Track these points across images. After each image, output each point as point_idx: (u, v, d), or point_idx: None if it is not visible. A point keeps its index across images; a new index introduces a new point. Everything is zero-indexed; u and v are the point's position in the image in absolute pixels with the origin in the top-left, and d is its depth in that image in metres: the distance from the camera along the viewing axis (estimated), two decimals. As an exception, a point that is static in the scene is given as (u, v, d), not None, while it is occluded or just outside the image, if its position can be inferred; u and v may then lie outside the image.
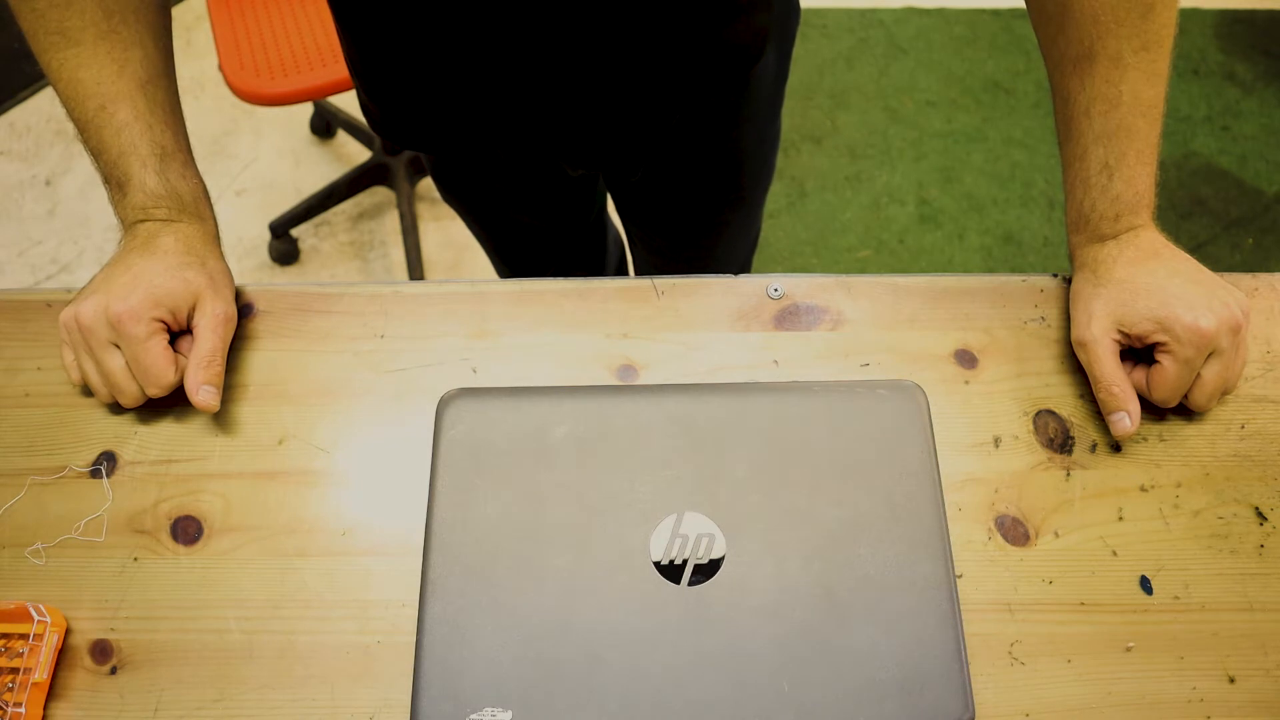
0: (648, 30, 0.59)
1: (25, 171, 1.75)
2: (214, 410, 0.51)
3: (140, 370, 0.50)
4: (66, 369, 0.53)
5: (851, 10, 2.00)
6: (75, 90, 0.52)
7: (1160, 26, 0.50)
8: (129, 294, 0.50)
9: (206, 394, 0.50)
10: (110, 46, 0.51)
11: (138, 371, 0.50)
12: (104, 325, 0.50)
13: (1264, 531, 0.50)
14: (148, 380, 0.50)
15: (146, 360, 0.50)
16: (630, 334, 0.56)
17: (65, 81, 0.52)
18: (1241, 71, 1.90)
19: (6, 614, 0.46)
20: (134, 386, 0.51)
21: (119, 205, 0.54)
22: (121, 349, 0.50)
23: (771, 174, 0.89)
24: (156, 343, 0.50)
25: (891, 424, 0.49)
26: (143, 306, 0.50)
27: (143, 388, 0.51)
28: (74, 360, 0.52)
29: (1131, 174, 0.51)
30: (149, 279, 0.51)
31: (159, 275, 0.51)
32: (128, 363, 0.50)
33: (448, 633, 0.44)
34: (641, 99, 0.65)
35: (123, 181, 0.53)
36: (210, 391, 0.50)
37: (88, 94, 0.51)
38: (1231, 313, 0.49)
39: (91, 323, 0.50)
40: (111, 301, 0.49)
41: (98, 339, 0.50)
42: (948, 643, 0.44)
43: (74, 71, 0.51)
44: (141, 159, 0.52)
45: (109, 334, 0.50)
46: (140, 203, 0.53)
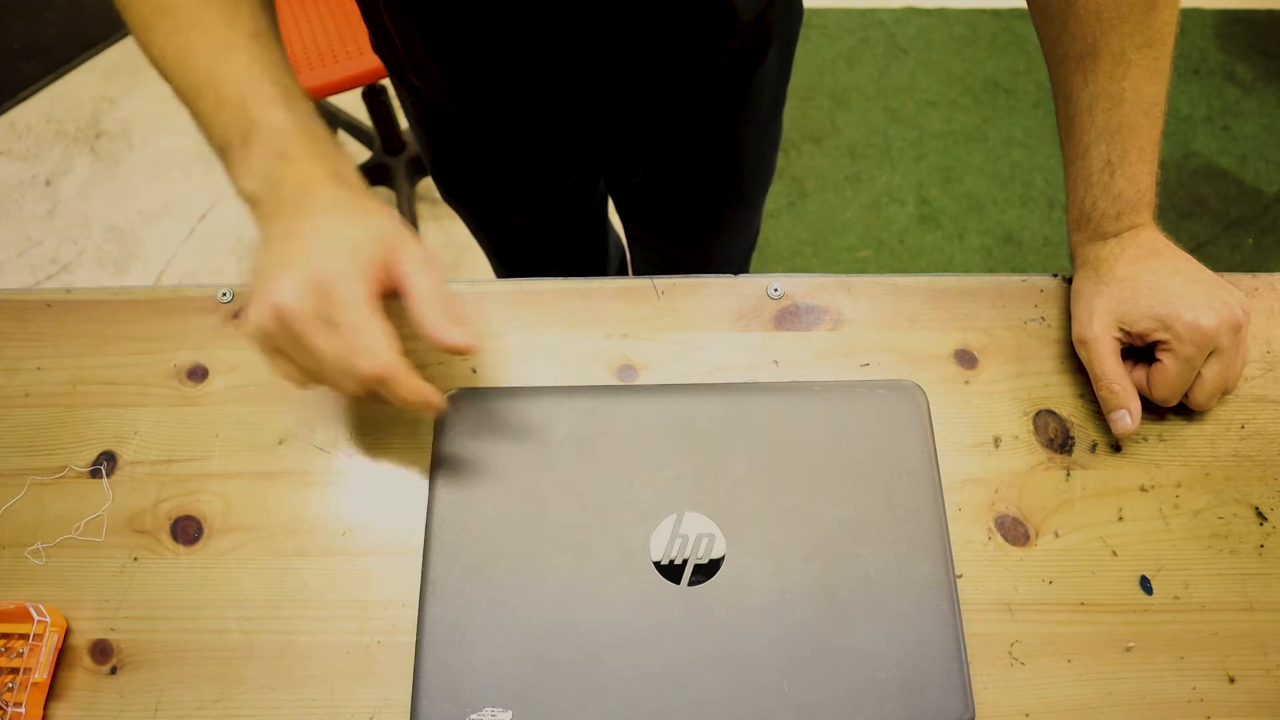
0: (651, 34, 0.59)
1: (25, 171, 1.75)
2: (477, 350, 0.45)
3: (363, 347, 0.42)
4: (280, 375, 0.45)
5: (851, 10, 2.00)
6: (184, 55, 0.46)
7: (1163, 24, 0.50)
8: (328, 257, 0.42)
9: (461, 334, 0.43)
10: (219, 5, 0.46)
11: (359, 350, 0.42)
12: (311, 301, 0.41)
13: (1264, 531, 0.50)
14: (375, 357, 0.42)
15: (370, 332, 0.42)
16: (630, 334, 0.56)
17: (173, 49, 0.46)
18: (1241, 71, 1.90)
19: (6, 614, 0.46)
20: (362, 365, 0.42)
21: (244, 161, 0.45)
22: (337, 326, 0.42)
23: (772, 174, 0.89)
24: (378, 310, 0.43)
25: (891, 424, 0.49)
26: (351, 268, 0.42)
27: (360, 370, 0.42)
28: (281, 362, 0.44)
29: (1133, 172, 0.51)
30: (339, 235, 0.43)
31: (347, 227, 0.43)
32: (342, 344, 0.42)
33: (448, 633, 0.44)
34: (644, 102, 0.65)
35: (247, 130, 0.45)
36: (463, 331, 0.43)
37: (198, 51, 0.46)
38: (1232, 311, 0.49)
39: (296, 304, 0.41)
40: (312, 272, 0.42)
41: (305, 321, 0.41)
42: (948, 643, 0.44)
43: (183, 35, 0.46)
44: (267, 97, 0.45)
45: (320, 309, 0.41)
46: (274, 144, 0.45)
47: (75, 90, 1.87)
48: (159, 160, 1.77)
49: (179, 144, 1.79)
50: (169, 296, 0.57)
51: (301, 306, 0.41)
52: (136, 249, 1.66)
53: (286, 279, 0.42)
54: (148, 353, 0.55)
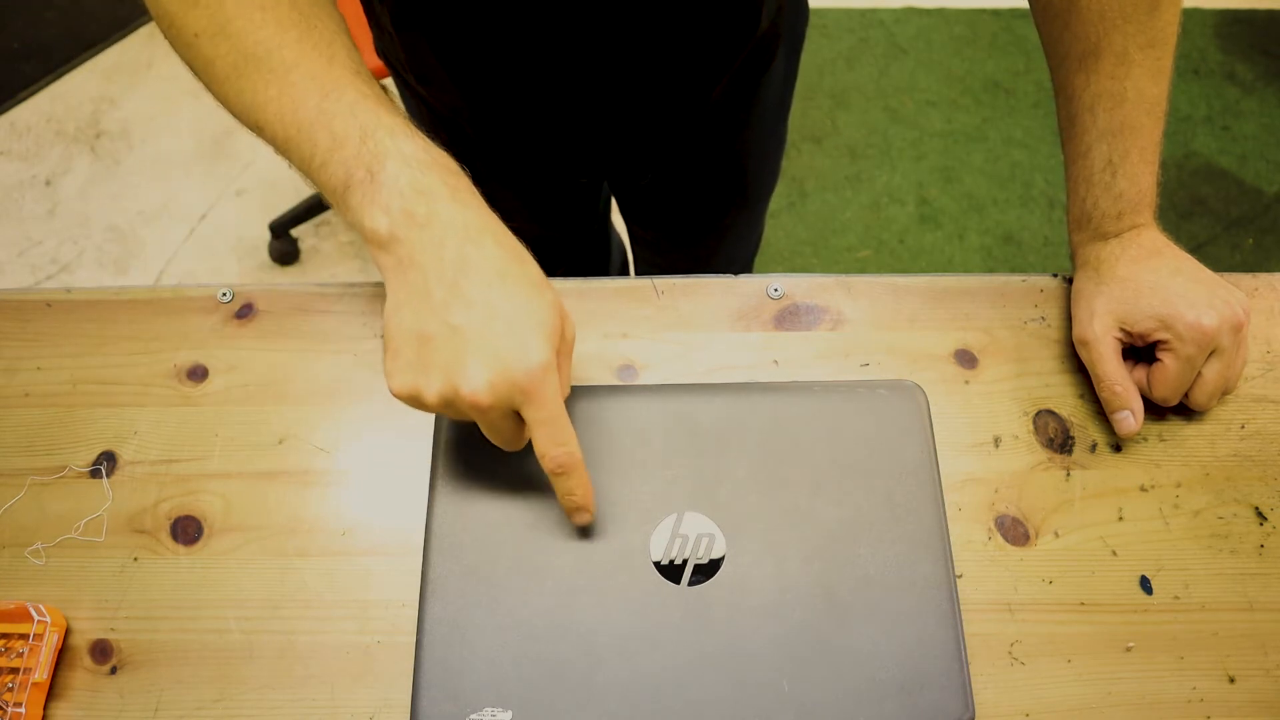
0: (668, 42, 0.59)
1: (25, 171, 1.75)
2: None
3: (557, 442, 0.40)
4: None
5: (851, 10, 2.00)
6: (287, 96, 0.42)
7: (1165, 24, 0.50)
8: (521, 349, 0.38)
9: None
10: (315, 41, 0.43)
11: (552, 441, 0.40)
12: (505, 399, 0.39)
13: (1264, 531, 0.50)
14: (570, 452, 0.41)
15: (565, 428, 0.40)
16: (630, 334, 0.56)
17: (274, 94, 0.42)
18: (1241, 71, 1.90)
19: (6, 614, 0.46)
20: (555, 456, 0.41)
21: (370, 197, 0.40)
22: (532, 421, 0.40)
23: (776, 176, 0.89)
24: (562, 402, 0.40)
25: (891, 424, 0.49)
26: (543, 360, 0.38)
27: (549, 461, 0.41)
28: None
29: (1135, 171, 0.51)
30: (524, 317, 0.39)
31: (528, 308, 0.39)
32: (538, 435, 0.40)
33: (448, 633, 0.44)
34: (656, 108, 0.65)
35: (372, 164, 0.40)
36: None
37: (304, 90, 0.42)
38: (1233, 311, 0.49)
39: (488, 400, 0.38)
40: (505, 365, 0.38)
41: (496, 414, 0.39)
42: (948, 643, 0.44)
43: (283, 77, 0.42)
44: (389, 129, 0.41)
45: (513, 405, 0.39)
46: (407, 178, 0.40)
47: (75, 90, 1.87)
48: (159, 160, 1.77)
49: (179, 144, 1.79)
50: (169, 296, 0.57)
51: (495, 402, 0.38)
52: (136, 249, 1.66)
53: (479, 370, 0.38)
54: (148, 353, 0.55)
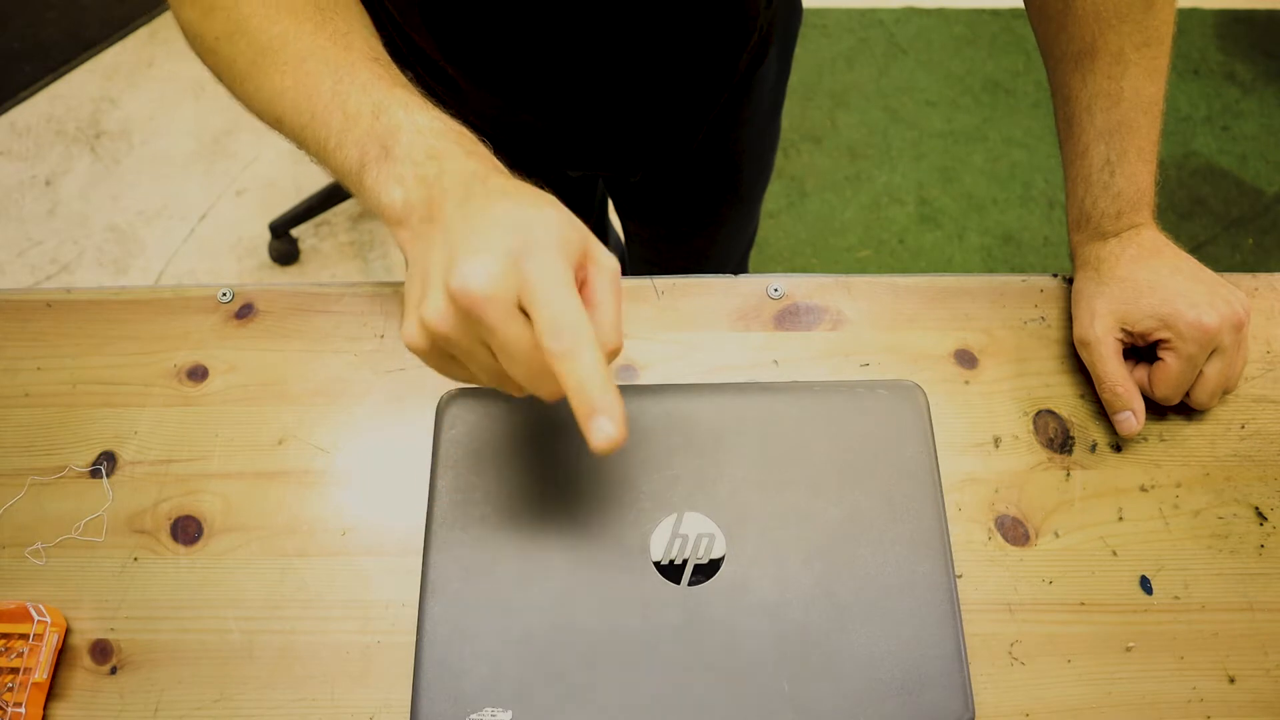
0: (653, 34, 0.59)
1: (25, 171, 1.75)
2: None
3: (574, 325, 0.33)
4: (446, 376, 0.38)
5: (851, 10, 2.00)
6: (302, 84, 0.41)
7: (1161, 23, 0.50)
8: (526, 231, 0.34)
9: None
10: (330, 32, 0.43)
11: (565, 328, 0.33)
12: (509, 281, 0.33)
13: (1264, 531, 0.50)
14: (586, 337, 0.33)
15: (579, 316, 0.33)
16: (630, 334, 0.56)
17: (290, 83, 0.42)
18: (1241, 71, 1.90)
19: (6, 614, 0.46)
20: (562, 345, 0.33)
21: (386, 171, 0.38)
22: (538, 307, 0.33)
23: (770, 172, 0.89)
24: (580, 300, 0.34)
25: (891, 424, 0.49)
26: (554, 243, 0.34)
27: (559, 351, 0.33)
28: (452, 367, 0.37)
29: (1133, 170, 0.51)
30: (531, 215, 0.35)
31: (538, 210, 0.35)
32: (543, 326, 0.33)
33: (448, 633, 0.44)
34: (646, 102, 0.65)
35: (386, 138, 0.39)
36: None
37: (318, 76, 0.41)
38: (1234, 310, 0.49)
39: (490, 288, 0.32)
40: (507, 247, 0.33)
41: (502, 309, 0.33)
42: (948, 643, 0.44)
43: (298, 66, 0.42)
44: (402, 102, 0.40)
45: (518, 292, 0.33)
46: (421, 145, 0.38)
47: (75, 90, 1.87)
48: (159, 160, 1.77)
49: (179, 144, 1.79)
50: (169, 296, 0.57)
51: (493, 289, 0.32)
52: (136, 249, 1.66)
53: (474, 257, 0.33)
54: (148, 353, 0.55)
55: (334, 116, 0.40)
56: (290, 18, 0.43)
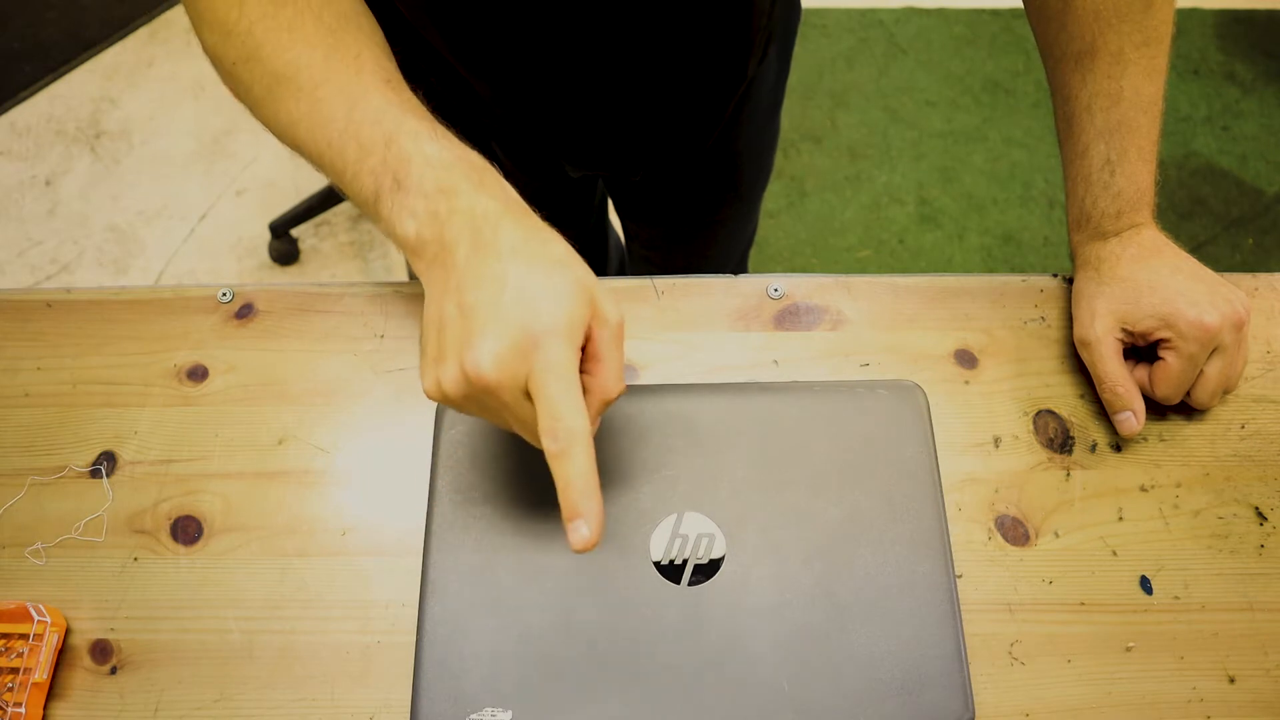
0: (661, 36, 0.59)
1: (25, 171, 1.75)
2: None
3: (562, 428, 0.35)
4: None
5: (851, 10, 2.00)
6: (316, 112, 0.42)
7: (1160, 22, 0.50)
8: (534, 315, 0.35)
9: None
10: (342, 56, 0.44)
11: (557, 429, 0.35)
12: (515, 370, 0.35)
13: (1264, 531, 0.50)
14: (574, 437, 0.35)
15: (574, 411, 0.35)
16: (630, 334, 0.56)
17: (304, 111, 0.43)
18: (1241, 71, 1.90)
19: (6, 614, 0.46)
20: (554, 442, 0.35)
21: (399, 204, 0.40)
22: (539, 396, 0.35)
23: (770, 172, 0.89)
24: (579, 382, 0.36)
25: (891, 424, 0.49)
26: (560, 329, 0.35)
27: (548, 447, 0.35)
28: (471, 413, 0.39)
29: (1133, 170, 0.51)
30: (540, 286, 0.36)
31: (547, 278, 0.36)
32: (543, 414, 0.35)
33: (448, 633, 0.44)
34: (646, 101, 0.65)
35: (399, 170, 0.40)
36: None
37: (331, 104, 0.42)
38: (1234, 309, 0.49)
39: (497, 375, 0.35)
40: (516, 333, 0.35)
41: (507, 393, 0.36)
42: (948, 643, 0.44)
43: (311, 93, 0.43)
44: (413, 133, 0.40)
45: (524, 379, 0.36)
46: (431, 179, 0.39)
47: (75, 90, 1.87)
48: (159, 160, 1.77)
49: (179, 144, 1.79)
50: (169, 296, 0.57)
51: (502, 378, 0.35)
52: (136, 249, 1.66)
53: (485, 342, 0.35)
54: (148, 353, 0.55)
55: (349, 147, 0.41)
56: (303, 44, 0.43)
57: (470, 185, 0.39)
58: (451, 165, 0.40)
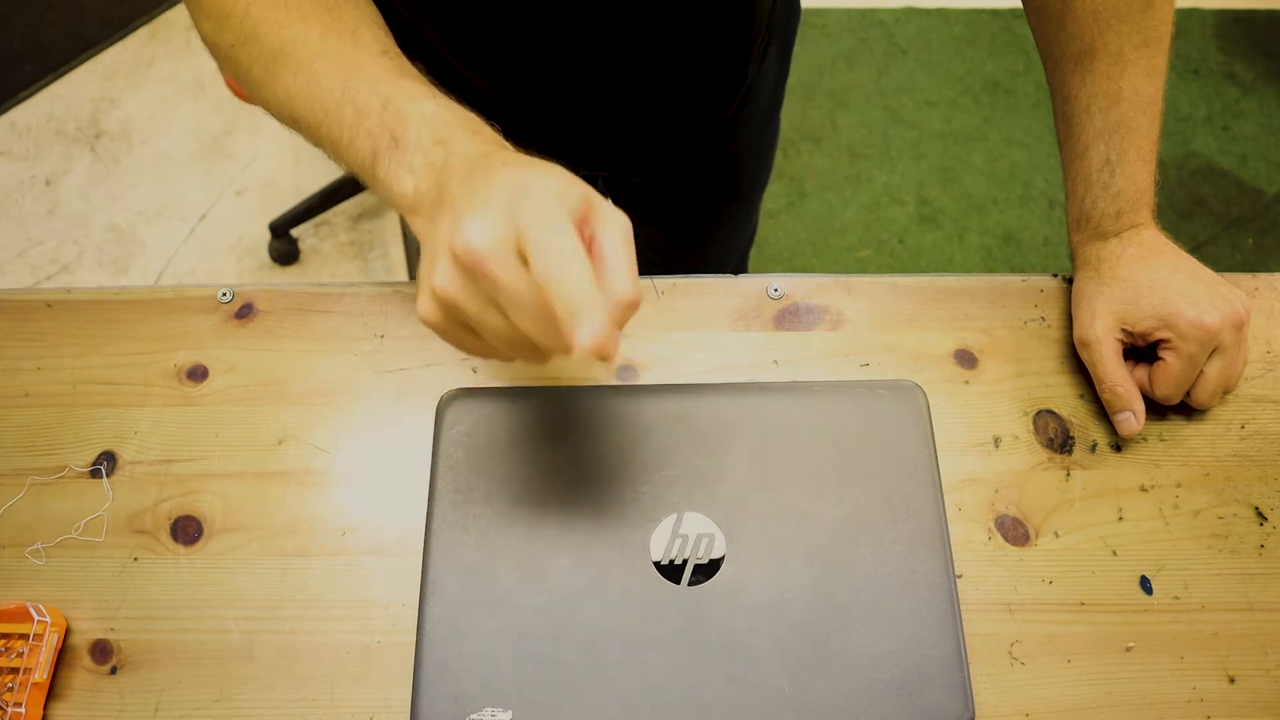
0: (654, 34, 0.59)
1: (25, 171, 1.75)
2: (611, 358, 0.33)
3: (572, 277, 0.32)
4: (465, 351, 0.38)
5: (851, 10, 2.00)
6: (314, 84, 0.42)
7: (1160, 23, 0.50)
8: (524, 194, 0.34)
9: (614, 339, 0.33)
10: (338, 31, 0.44)
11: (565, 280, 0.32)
12: (508, 234, 0.33)
13: (1264, 531, 0.50)
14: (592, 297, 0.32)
15: (579, 262, 0.33)
16: (630, 334, 0.56)
17: (302, 84, 0.43)
18: (1241, 71, 1.90)
19: (6, 614, 0.46)
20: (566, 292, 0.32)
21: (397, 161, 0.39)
22: (538, 256, 0.33)
23: (769, 172, 0.89)
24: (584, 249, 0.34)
25: (891, 424, 0.49)
26: (553, 203, 0.34)
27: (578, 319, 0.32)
28: (463, 336, 0.37)
29: (1133, 170, 0.51)
30: (532, 180, 0.35)
31: (540, 175, 0.35)
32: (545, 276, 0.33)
33: (448, 633, 0.44)
34: (647, 103, 0.65)
35: (396, 128, 0.39)
36: (615, 337, 0.34)
37: (328, 75, 0.42)
38: (1234, 309, 0.49)
39: (489, 243, 0.33)
40: (506, 207, 0.33)
41: (503, 262, 0.33)
42: (948, 643, 0.44)
43: (309, 67, 0.43)
44: (409, 93, 0.40)
45: (512, 242, 0.33)
46: (429, 133, 0.39)
47: (75, 90, 1.87)
48: (159, 160, 1.77)
49: (179, 144, 1.79)
50: (169, 296, 0.57)
51: (494, 243, 0.33)
52: (136, 249, 1.66)
53: (473, 219, 0.33)
54: (148, 353, 0.55)
55: (346, 112, 0.41)
56: (300, 21, 0.44)
57: (466, 134, 0.39)
58: (449, 121, 0.40)
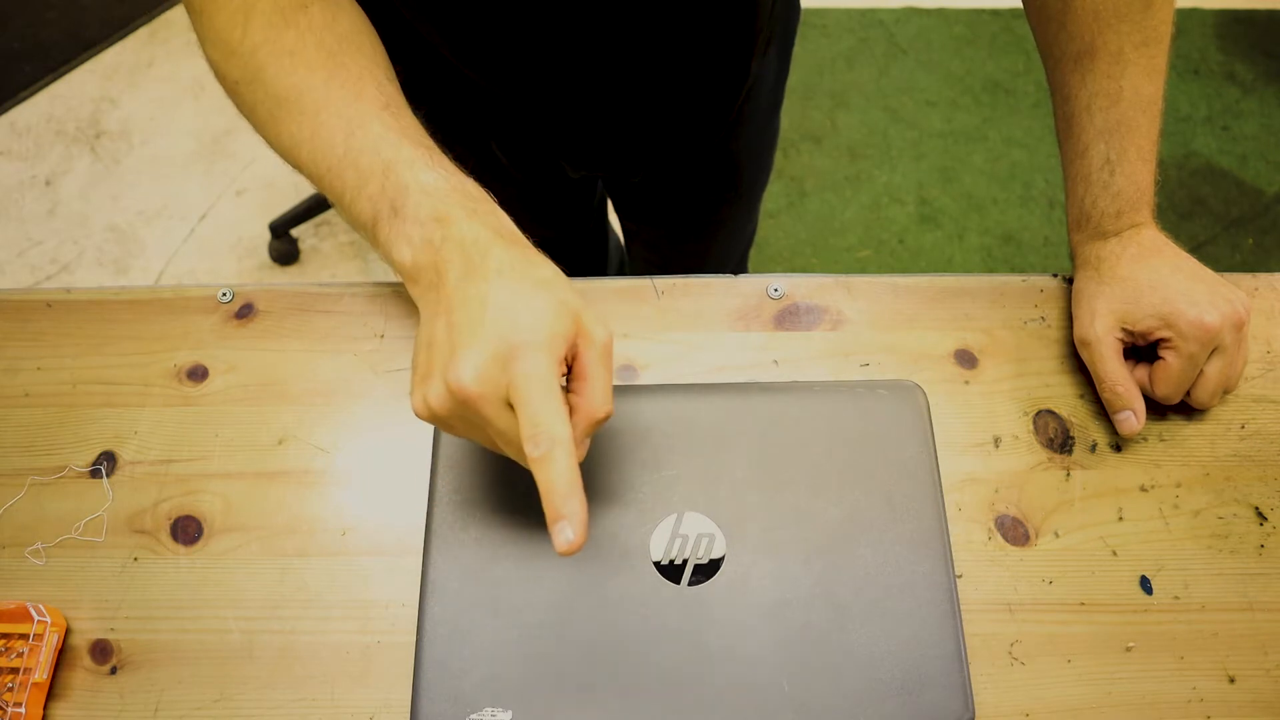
0: (656, 33, 0.59)
1: (25, 171, 1.75)
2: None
3: (543, 434, 0.35)
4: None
5: (851, 10, 2.00)
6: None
7: (1160, 22, 0.50)
8: (514, 329, 0.36)
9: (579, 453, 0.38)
10: (342, 80, 0.44)
11: (538, 436, 0.35)
12: (495, 381, 0.36)
13: (1264, 531, 0.50)
14: (555, 442, 0.35)
15: (554, 418, 0.35)
16: (630, 334, 0.56)
17: (305, 135, 0.44)
18: (1241, 71, 1.90)
19: (6, 614, 0.46)
20: (534, 449, 0.36)
21: (396, 231, 0.41)
22: (520, 405, 0.36)
23: (769, 172, 0.89)
24: (561, 394, 0.37)
25: (891, 424, 0.49)
26: (540, 341, 0.36)
27: (529, 454, 0.36)
28: (458, 433, 0.40)
29: (1133, 169, 0.51)
30: (523, 303, 0.37)
31: (530, 296, 0.38)
32: (524, 424, 0.36)
33: (448, 633, 0.44)
34: (649, 102, 0.65)
35: (396, 198, 0.41)
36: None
37: (331, 129, 0.43)
38: (1235, 309, 0.49)
39: (478, 387, 0.36)
40: (496, 344, 0.36)
41: (489, 405, 0.36)
42: (948, 643, 0.44)
43: (312, 118, 0.44)
44: (409, 161, 0.42)
45: (505, 390, 0.36)
46: (427, 207, 0.40)
47: (75, 90, 1.87)
48: (159, 160, 1.77)
49: (179, 144, 1.79)
50: (169, 296, 0.57)
51: (483, 389, 0.36)
52: (136, 249, 1.66)
53: (467, 355, 0.36)
54: (148, 353, 0.55)
55: (348, 174, 0.43)
56: (304, 68, 0.44)
57: (464, 213, 0.40)
58: (446, 194, 0.41)
